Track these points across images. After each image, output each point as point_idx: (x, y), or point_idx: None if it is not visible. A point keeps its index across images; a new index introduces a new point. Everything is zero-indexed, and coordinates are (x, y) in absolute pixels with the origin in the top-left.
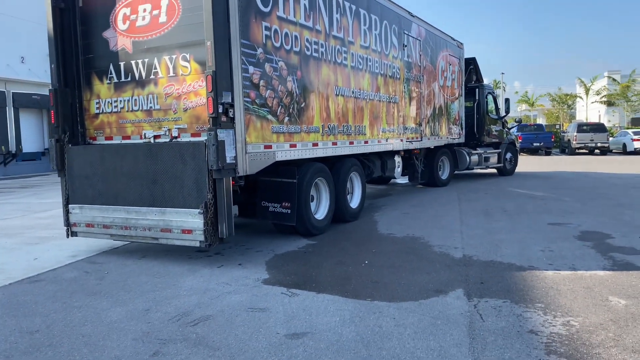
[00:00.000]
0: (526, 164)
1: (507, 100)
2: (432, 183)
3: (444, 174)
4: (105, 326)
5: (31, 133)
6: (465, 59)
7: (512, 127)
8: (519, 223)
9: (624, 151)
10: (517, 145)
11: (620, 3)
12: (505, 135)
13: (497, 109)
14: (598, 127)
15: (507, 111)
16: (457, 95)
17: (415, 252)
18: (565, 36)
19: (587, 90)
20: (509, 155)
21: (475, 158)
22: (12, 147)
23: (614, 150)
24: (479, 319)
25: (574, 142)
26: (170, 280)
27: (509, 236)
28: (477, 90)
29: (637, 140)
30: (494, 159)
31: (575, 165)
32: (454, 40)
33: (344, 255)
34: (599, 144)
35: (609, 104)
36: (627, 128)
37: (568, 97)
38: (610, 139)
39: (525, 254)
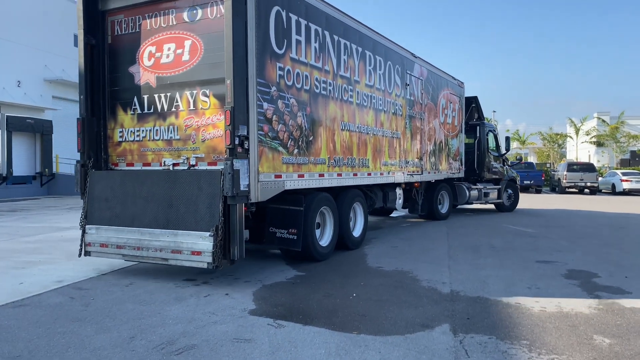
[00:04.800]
0: None
1: (507, 138)
2: (431, 216)
3: (444, 208)
4: (88, 353)
5: (23, 156)
6: (468, 97)
7: (513, 165)
8: (507, 260)
9: (613, 191)
10: (518, 182)
11: (612, 45)
12: (505, 172)
13: (497, 146)
14: (588, 167)
15: (508, 149)
16: (457, 131)
17: (403, 286)
18: (557, 76)
19: (577, 131)
20: (509, 191)
21: (475, 193)
22: (3, 170)
23: (603, 190)
24: (464, 355)
25: (564, 181)
26: (157, 308)
27: (496, 272)
28: (478, 127)
29: (626, 180)
30: (493, 195)
31: (564, 204)
32: (455, 79)
33: (332, 288)
34: (588, 184)
35: (599, 144)
36: (616, 169)
37: (559, 136)
38: (600, 179)
39: (512, 291)
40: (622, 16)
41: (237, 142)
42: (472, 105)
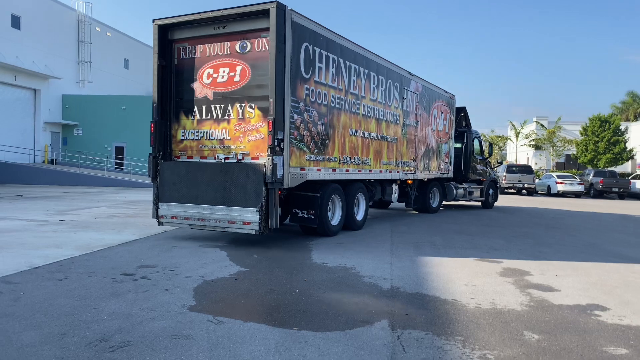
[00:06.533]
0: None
1: (490, 145)
2: (424, 210)
3: (434, 203)
4: (15, 351)
5: None
6: (457, 107)
7: (495, 167)
8: (446, 257)
9: (549, 193)
10: (498, 183)
11: (554, 52)
12: (488, 174)
13: (481, 151)
14: (526, 169)
15: (490, 153)
16: (447, 137)
17: (346, 282)
18: (500, 81)
19: (517, 134)
20: (491, 191)
21: (461, 191)
22: None
23: (539, 192)
24: (401, 350)
25: (503, 182)
26: (92, 303)
27: (435, 270)
28: (465, 134)
29: (561, 183)
30: (477, 193)
31: (504, 204)
32: (447, 92)
33: (275, 284)
34: (526, 185)
35: (537, 147)
36: (552, 171)
37: (500, 138)
38: (537, 181)
39: (449, 288)
40: (561, 27)
41: (276, 143)
42: (460, 114)
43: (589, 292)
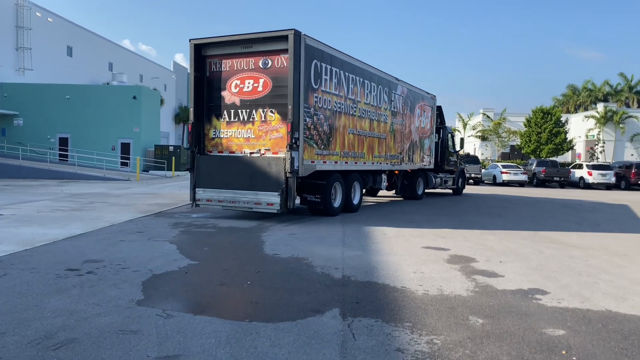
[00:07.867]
0: None
1: (462, 139)
2: (411, 197)
3: (420, 190)
4: None
5: None
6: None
7: (462, 159)
8: (395, 246)
9: (494, 182)
10: (466, 173)
11: (497, 49)
12: (458, 165)
13: (454, 144)
14: (473, 159)
15: (462, 147)
16: (429, 133)
17: (298, 273)
18: (448, 74)
19: (464, 125)
20: (460, 179)
21: (438, 180)
22: None
23: (485, 181)
24: (352, 338)
25: None
26: (33, 300)
27: (385, 258)
28: (441, 130)
29: (505, 173)
30: (450, 182)
31: (451, 192)
32: (429, 93)
33: (226, 276)
34: (472, 175)
35: (483, 138)
36: (498, 162)
37: None
38: (483, 170)
39: (398, 276)
40: (507, 22)
41: (293, 141)
42: (436, 112)
43: (530, 277)
